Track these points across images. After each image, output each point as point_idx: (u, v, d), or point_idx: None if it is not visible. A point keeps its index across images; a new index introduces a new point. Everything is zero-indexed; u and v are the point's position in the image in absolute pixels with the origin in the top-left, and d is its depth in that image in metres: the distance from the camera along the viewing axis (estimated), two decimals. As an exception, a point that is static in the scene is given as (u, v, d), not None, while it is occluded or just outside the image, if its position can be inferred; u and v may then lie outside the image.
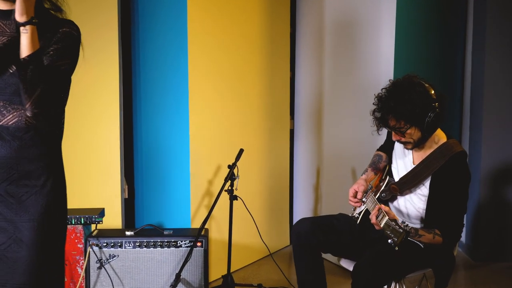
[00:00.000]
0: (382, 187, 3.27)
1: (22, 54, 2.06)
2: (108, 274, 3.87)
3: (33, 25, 2.05)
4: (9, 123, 2.17)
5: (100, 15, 4.32)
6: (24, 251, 2.20)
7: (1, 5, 2.19)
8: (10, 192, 2.21)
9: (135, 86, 4.72)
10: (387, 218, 2.81)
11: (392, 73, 4.40)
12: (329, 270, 3.73)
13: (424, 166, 3.11)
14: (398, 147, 3.32)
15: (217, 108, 4.64)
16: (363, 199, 3.30)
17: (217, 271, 4.60)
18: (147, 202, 4.78)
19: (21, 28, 2.05)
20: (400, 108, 2.98)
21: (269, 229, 5.29)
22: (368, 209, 3.22)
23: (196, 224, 4.40)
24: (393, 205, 3.31)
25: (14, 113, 2.17)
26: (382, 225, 2.83)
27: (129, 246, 3.90)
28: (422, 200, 3.17)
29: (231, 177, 4.04)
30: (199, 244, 3.93)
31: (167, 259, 3.93)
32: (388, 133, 3.49)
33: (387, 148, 3.50)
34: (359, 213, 3.35)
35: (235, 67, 4.79)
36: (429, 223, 3.13)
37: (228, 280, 4.17)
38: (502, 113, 5.08)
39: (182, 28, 4.31)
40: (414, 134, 3.05)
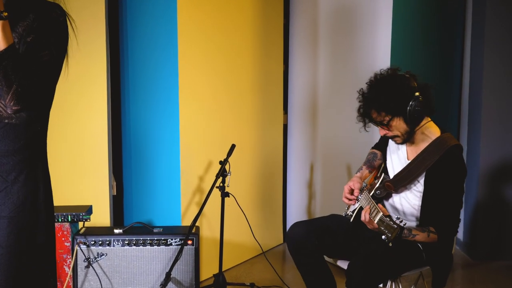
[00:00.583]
0: (377, 185, 3.30)
1: None
2: (96, 273, 3.89)
3: (3, 20, 1.96)
4: None
5: (87, 6, 4.29)
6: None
7: None
8: None
9: (123, 80, 4.71)
10: (381, 214, 2.85)
11: (389, 64, 4.43)
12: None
13: (418, 162, 3.13)
14: (392, 143, 3.36)
15: (208, 102, 4.66)
16: (358, 197, 3.33)
17: (208, 270, 4.63)
18: (136, 199, 4.78)
19: None
20: (379, 99, 3.05)
21: (261, 226, 5.32)
22: (362, 206, 3.24)
23: (187, 222, 4.42)
24: (389, 202, 3.34)
25: None
26: (376, 221, 2.86)
27: (117, 244, 3.92)
28: (417, 197, 3.20)
29: (222, 173, 4.06)
30: (189, 242, 3.94)
31: (156, 257, 3.95)
32: None
33: (381, 146, 3.53)
34: (353, 212, 3.38)
35: (227, 59, 4.81)
36: (424, 220, 3.16)
37: (219, 279, 4.19)
38: (502, 108, 5.11)
39: (171, 19, 4.32)
40: (399, 126, 3.09)
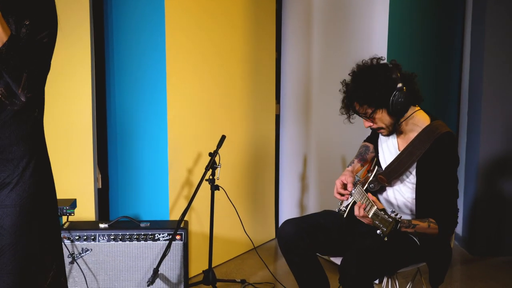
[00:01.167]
0: (370, 178, 3.31)
1: None
2: (81, 270, 3.90)
3: None
4: None
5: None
6: (8, 239, 2.22)
7: None
8: None
9: (109, 68, 4.71)
10: (375, 208, 2.85)
11: (385, 52, 4.44)
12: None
13: (409, 153, 3.14)
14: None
15: (197, 91, 4.66)
16: (352, 191, 3.32)
17: (198, 266, 4.65)
18: (122, 192, 4.79)
19: None
20: (361, 91, 3.06)
21: (253, 221, 5.34)
22: (355, 201, 3.22)
23: (175, 216, 4.44)
24: (383, 196, 3.34)
25: None
26: (370, 216, 2.86)
27: (103, 239, 3.93)
28: (411, 190, 3.20)
29: (212, 165, 4.07)
30: (178, 237, 3.96)
31: (144, 253, 3.96)
32: None
33: (373, 138, 3.54)
34: (346, 207, 3.38)
35: (216, 46, 4.81)
36: (420, 213, 3.16)
37: (209, 276, 4.22)
38: (503, 99, 5.13)
39: (158, 4, 4.30)
40: (383, 118, 3.10)
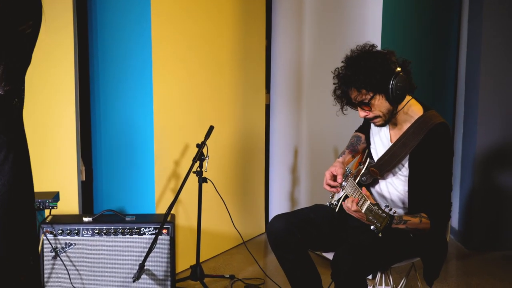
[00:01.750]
0: (363, 170, 3.30)
1: None
2: (64, 265, 3.90)
3: None
4: None
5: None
6: None
7: None
8: None
9: (92, 57, 4.70)
10: (368, 202, 2.85)
11: (379, 41, 4.46)
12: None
13: (402, 144, 3.14)
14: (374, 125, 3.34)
15: (184, 81, 4.67)
16: (343, 184, 3.33)
17: (185, 261, 4.67)
18: (107, 185, 4.80)
19: None
20: (359, 75, 3.03)
21: (242, 214, 5.37)
22: (347, 195, 3.23)
23: (162, 210, 4.45)
24: (375, 190, 3.34)
25: None
26: (363, 211, 2.86)
27: (87, 233, 3.93)
28: (404, 183, 3.21)
29: (200, 157, 4.09)
30: (164, 231, 3.96)
31: (129, 248, 3.96)
32: None
33: (365, 129, 3.54)
34: (338, 200, 3.38)
35: (204, 34, 4.82)
36: (413, 207, 3.17)
37: (197, 271, 4.24)
38: (501, 89, 5.15)
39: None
40: (381, 105, 3.08)
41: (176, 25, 4.53)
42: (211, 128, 4.20)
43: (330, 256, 3.28)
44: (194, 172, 4.12)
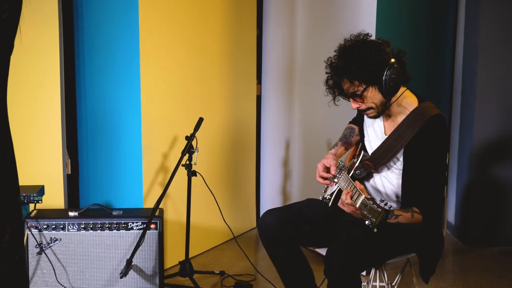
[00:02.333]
0: (356, 164, 3.30)
1: None
2: (49, 260, 3.91)
3: None
4: None
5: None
6: None
7: None
8: None
9: (78, 47, 4.68)
10: (363, 197, 2.84)
11: (374, 31, 4.47)
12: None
13: (397, 137, 3.14)
14: (367, 117, 3.34)
15: (173, 71, 4.68)
16: (336, 177, 3.33)
17: (174, 256, 4.70)
18: (93, 178, 4.81)
19: None
20: (352, 66, 3.01)
21: (232, 209, 5.39)
22: (341, 189, 3.23)
23: (150, 204, 4.47)
24: (370, 183, 3.34)
25: None
26: (358, 205, 2.85)
27: (72, 228, 3.93)
28: (398, 176, 3.21)
29: (189, 149, 4.11)
30: (153, 226, 3.96)
31: (116, 243, 3.97)
32: None
33: (359, 121, 3.54)
34: (331, 194, 3.38)
35: (193, 23, 4.83)
36: (405, 201, 3.18)
37: (186, 267, 4.26)
38: (499, 79, 5.16)
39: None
40: (374, 96, 3.07)
41: (164, 14, 4.53)
42: (201, 120, 4.22)
43: (322, 252, 3.27)
44: (183, 165, 4.13)
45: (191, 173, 4.19)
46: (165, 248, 4.46)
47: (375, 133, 3.32)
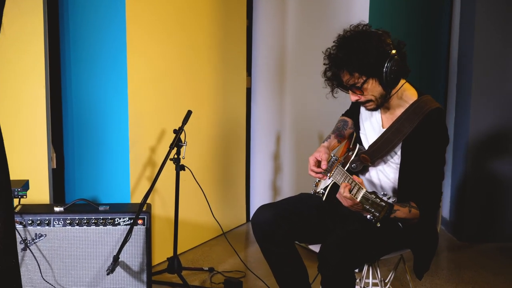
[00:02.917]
0: (352, 157, 3.30)
1: None
2: (34, 257, 3.92)
3: None
4: None
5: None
6: None
7: None
8: None
9: (63, 39, 4.66)
10: (364, 190, 2.84)
11: (367, 19, 4.47)
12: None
13: (395, 130, 3.15)
14: (365, 110, 3.34)
15: (160, 63, 4.70)
16: (328, 171, 3.33)
17: (162, 253, 4.73)
18: (79, 172, 4.81)
19: None
20: (352, 58, 3.00)
21: (222, 204, 5.42)
22: (336, 182, 3.23)
23: (137, 199, 4.48)
24: (365, 177, 3.35)
25: None
26: (359, 199, 2.85)
27: (58, 224, 3.94)
28: (395, 170, 3.23)
29: (177, 143, 4.12)
30: (140, 221, 3.97)
31: (103, 239, 3.98)
32: None
33: (353, 113, 3.53)
34: (325, 189, 3.38)
35: (181, 14, 4.84)
36: (402, 195, 3.18)
37: (174, 263, 4.28)
38: (495, 72, 5.18)
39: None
40: (373, 89, 3.07)
41: (151, 5, 4.54)
42: (189, 113, 4.23)
43: (315, 248, 3.28)
44: (171, 159, 4.14)
45: (180, 168, 4.19)
46: (153, 244, 4.48)
47: (372, 126, 3.32)
